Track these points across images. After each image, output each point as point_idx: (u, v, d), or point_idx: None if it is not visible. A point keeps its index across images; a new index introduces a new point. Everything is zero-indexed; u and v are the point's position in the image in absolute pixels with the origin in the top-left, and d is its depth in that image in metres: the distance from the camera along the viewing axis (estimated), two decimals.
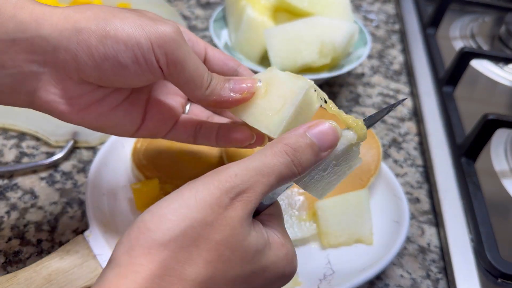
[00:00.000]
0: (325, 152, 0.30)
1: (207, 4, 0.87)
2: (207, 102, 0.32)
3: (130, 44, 0.28)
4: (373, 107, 0.68)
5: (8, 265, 0.43)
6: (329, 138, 0.29)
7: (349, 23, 0.62)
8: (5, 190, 0.50)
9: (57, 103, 0.31)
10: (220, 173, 0.27)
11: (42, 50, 0.29)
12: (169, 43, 0.29)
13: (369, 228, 0.46)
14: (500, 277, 0.45)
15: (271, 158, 0.28)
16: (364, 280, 0.41)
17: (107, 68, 0.29)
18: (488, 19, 0.89)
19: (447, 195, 0.53)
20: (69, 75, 0.30)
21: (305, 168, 0.29)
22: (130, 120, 0.35)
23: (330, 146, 0.30)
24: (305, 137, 0.29)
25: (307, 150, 0.29)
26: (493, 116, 0.53)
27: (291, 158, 0.28)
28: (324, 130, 0.29)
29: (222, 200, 0.26)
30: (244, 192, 0.26)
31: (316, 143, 0.29)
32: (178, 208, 0.25)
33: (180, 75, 0.30)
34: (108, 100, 0.33)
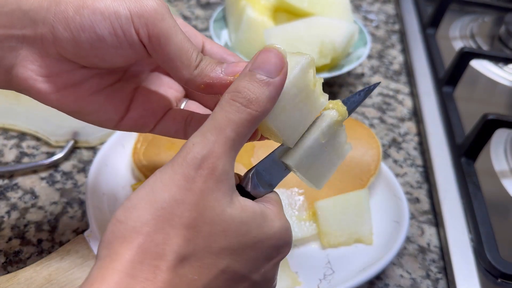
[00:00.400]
0: (277, 77, 0.26)
1: (207, 4, 0.87)
2: (196, 84, 0.29)
3: (107, 13, 0.27)
4: (373, 107, 0.68)
5: (9, 265, 0.43)
6: (272, 61, 0.26)
7: (349, 24, 0.62)
8: (6, 190, 0.50)
9: (34, 80, 0.29)
10: (182, 149, 0.26)
11: (21, 24, 0.28)
12: (151, 14, 0.27)
13: (369, 228, 0.46)
14: (500, 277, 0.45)
15: (220, 111, 0.26)
16: (364, 280, 0.41)
17: (84, 40, 0.28)
18: (488, 19, 0.89)
19: (447, 195, 0.53)
20: (47, 51, 0.29)
21: (260, 103, 0.26)
22: (113, 108, 0.32)
23: (278, 68, 0.26)
24: (248, 74, 0.26)
25: (252, 84, 0.26)
26: (493, 116, 0.53)
27: (238, 101, 0.26)
28: (263, 57, 0.27)
29: (187, 174, 0.25)
30: (206, 159, 0.25)
31: (261, 72, 0.26)
32: (145, 195, 0.25)
33: (164, 51, 0.28)
34: (89, 83, 0.31)
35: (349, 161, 0.50)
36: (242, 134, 0.26)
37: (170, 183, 0.25)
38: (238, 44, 0.65)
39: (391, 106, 0.68)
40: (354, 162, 0.50)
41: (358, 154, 0.51)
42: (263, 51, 0.27)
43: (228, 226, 0.26)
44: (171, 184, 0.25)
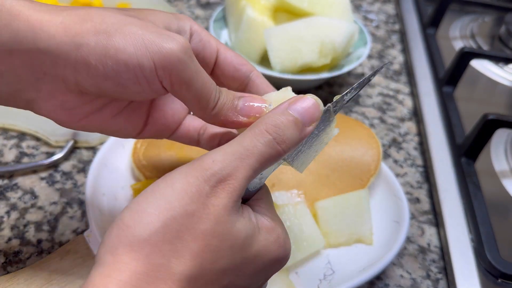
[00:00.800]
0: (309, 127, 0.28)
1: (207, 4, 0.87)
2: (213, 121, 0.30)
3: (131, 65, 0.26)
4: (373, 107, 0.68)
5: (8, 265, 0.43)
6: (311, 112, 0.28)
7: (349, 23, 0.62)
8: (5, 190, 0.50)
9: (56, 113, 0.30)
10: (198, 161, 0.25)
11: (40, 62, 0.27)
12: (174, 64, 0.27)
13: (369, 228, 0.46)
14: (500, 277, 0.45)
15: (251, 139, 0.26)
16: (364, 280, 0.41)
17: (108, 86, 0.28)
18: (488, 19, 0.89)
19: (447, 195, 0.53)
20: (68, 88, 0.29)
21: (290, 145, 0.27)
22: (132, 126, 0.33)
23: (314, 120, 0.28)
24: (287, 114, 0.27)
25: (290, 126, 0.27)
26: (493, 116, 0.53)
27: (272, 136, 0.26)
28: (306, 105, 0.28)
29: (201, 189, 0.25)
30: (225, 179, 0.25)
31: (299, 118, 0.28)
32: (155, 201, 0.24)
33: (185, 95, 0.28)
34: (108, 108, 0.32)
35: (349, 161, 0.50)
36: (263, 167, 0.27)
37: (183, 193, 0.24)
38: (238, 44, 0.65)
39: (391, 106, 0.68)
40: (354, 162, 0.50)
41: (358, 154, 0.51)
42: (303, 98, 0.29)
43: (235, 242, 0.26)
44: (183, 194, 0.24)
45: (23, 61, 0.27)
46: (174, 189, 0.24)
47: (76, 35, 0.26)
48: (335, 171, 0.49)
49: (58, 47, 0.26)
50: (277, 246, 0.28)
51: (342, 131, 0.53)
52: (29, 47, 0.26)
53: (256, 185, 0.30)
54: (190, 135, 0.36)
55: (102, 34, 0.26)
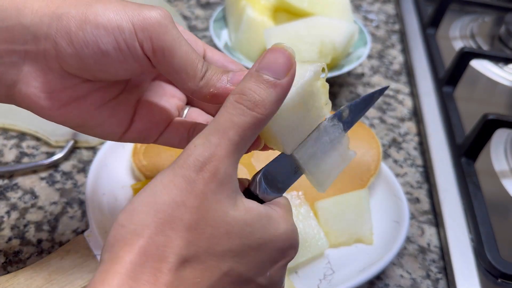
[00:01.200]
0: (284, 79, 0.26)
1: (207, 4, 0.87)
2: (202, 95, 0.29)
3: (110, 28, 0.26)
4: (373, 107, 0.68)
5: (8, 265, 0.43)
6: (280, 61, 0.26)
7: (349, 23, 0.62)
8: (5, 190, 0.50)
9: (37, 97, 0.29)
10: (183, 151, 0.25)
11: (23, 39, 0.27)
12: (154, 27, 0.26)
13: (369, 228, 0.46)
14: (500, 277, 0.45)
15: (222, 114, 0.25)
16: (364, 280, 0.41)
17: (88, 55, 0.27)
18: (488, 19, 0.89)
19: (447, 195, 0.53)
20: (50, 66, 0.28)
21: (266, 106, 0.25)
22: (117, 121, 0.32)
23: (285, 68, 0.26)
24: (254, 76, 0.26)
25: (258, 86, 0.25)
26: (493, 116, 0.53)
27: (243, 104, 0.25)
28: (271, 57, 0.26)
29: (188, 177, 0.24)
30: (208, 161, 0.24)
31: (268, 74, 0.26)
32: (146, 197, 0.24)
33: (169, 63, 0.27)
34: (93, 97, 0.30)
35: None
36: (246, 138, 0.26)
37: (171, 185, 0.24)
38: (238, 44, 0.65)
39: (391, 106, 0.68)
40: (354, 162, 0.50)
41: (358, 154, 0.51)
42: (270, 50, 0.26)
43: (231, 228, 0.25)
44: (171, 186, 0.24)
45: (6, 40, 0.27)
46: (162, 183, 0.24)
47: (58, 7, 0.27)
48: None
49: (40, 20, 0.27)
50: (285, 237, 0.28)
51: None
52: (12, 23, 0.27)
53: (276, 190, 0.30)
54: (180, 134, 0.34)
55: (83, 5, 0.27)
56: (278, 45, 0.26)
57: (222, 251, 0.25)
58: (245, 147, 0.26)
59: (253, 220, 0.26)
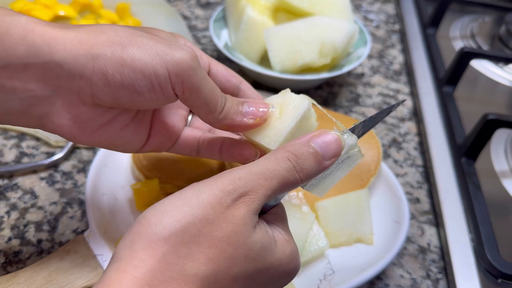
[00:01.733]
0: (328, 161, 0.30)
1: (207, 4, 0.87)
2: (220, 125, 0.32)
3: (147, 73, 0.28)
4: (373, 107, 0.68)
5: (8, 265, 0.43)
6: (332, 147, 0.30)
7: (349, 23, 0.62)
8: (5, 190, 0.50)
9: (69, 127, 0.30)
10: (224, 176, 0.27)
11: (56, 75, 0.28)
12: (186, 71, 0.29)
13: (369, 228, 0.46)
14: (500, 277, 0.45)
15: (274, 163, 0.28)
16: (364, 280, 0.41)
17: (123, 95, 0.29)
18: (488, 19, 0.89)
19: (447, 195, 0.53)
20: (83, 101, 0.30)
21: (308, 175, 0.29)
22: (138, 138, 0.35)
23: (334, 155, 0.30)
24: (308, 146, 0.29)
25: (309, 157, 0.29)
26: (493, 116, 0.53)
27: (293, 164, 0.28)
28: (328, 140, 0.30)
29: (224, 201, 0.26)
30: (246, 194, 0.27)
31: (319, 152, 0.29)
32: (180, 205, 0.25)
33: (195, 100, 0.30)
34: (117, 120, 0.33)
35: None
36: (281, 191, 0.28)
37: (206, 203, 0.26)
38: (238, 44, 0.65)
39: None
40: None
41: None
42: (329, 134, 0.30)
43: (249, 252, 0.26)
44: (206, 204, 0.26)
45: (38, 75, 0.28)
46: (199, 198, 0.26)
47: (92, 47, 0.28)
48: None
49: (75, 59, 0.27)
50: (289, 260, 0.29)
51: None
52: (45, 60, 0.27)
53: (274, 201, 0.31)
54: (190, 145, 0.37)
55: (117, 46, 0.28)
56: (336, 133, 0.30)
57: (238, 272, 0.26)
58: (275, 196, 0.29)
59: (266, 243, 0.28)
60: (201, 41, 0.77)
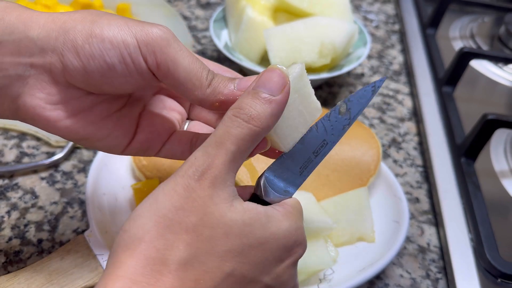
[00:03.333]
0: (279, 95, 0.27)
1: (207, 5, 0.87)
2: (210, 103, 0.29)
3: (115, 42, 0.28)
4: (373, 107, 0.68)
5: (9, 264, 0.43)
6: (276, 80, 0.27)
7: (349, 24, 0.62)
8: (6, 190, 0.50)
9: (42, 108, 0.29)
10: (185, 162, 0.27)
11: (29, 51, 0.28)
12: (157, 41, 0.28)
13: (370, 226, 0.46)
14: (500, 277, 0.45)
15: (222, 127, 0.27)
16: (364, 280, 0.41)
17: (94, 68, 0.28)
18: (487, 20, 0.89)
19: (446, 195, 0.53)
20: (55, 78, 0.29)
21: (262, 120, 0.27)
22: (121, 133, 0.32)
23: (281, 87, 0.27)
24: (251, 93, 0.27)
25: (255, 101, 0.27)
26: (492, 116, 0.53)
27: (240, 117, 0.27)
28: (267, 76, 0.28)
29: (188, 184, 0.26)
30: (206, 170, 0.26)
31: (263, 91, 0.27)
32: (148, 205, 0.26)
33: (175, 76, 0.28)
34: (97, 109, 0.31)
35: (349, 161, 0.50)
36: (242, 148, 0.27)
37: (171, 192, 0.26)
38: (238, 44, 0.65)
39: (391, 106, 0.68)
40: (354, 162, 0.50)
41: (358, 154, 0.51)
42: (266, 71, 0.28)
43: (229, 229, 0.26)
44: (172, 193, 0.26)
45: (12, 52, 0.28)
46: (164, 190, 0.26)
47: (65, 22, 0.28)
48: (335, 171, 0.50)
49: (47, 34, 0.28)
50: (287, 234, 0.28)
51: None
52: (20, 37, 0.28)
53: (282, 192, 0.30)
54: (182, 147, 0.34)
55: (89, 21, 0.28)
56: (273, 66, 0.28)
57: (222, 251, 0.26)
58: (243, 156, 0.28)
59: (252, 219, 0.27)
60: (201, 42, 0.77)
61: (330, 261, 0.42)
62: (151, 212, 0.26)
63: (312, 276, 0.42)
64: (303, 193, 0.45)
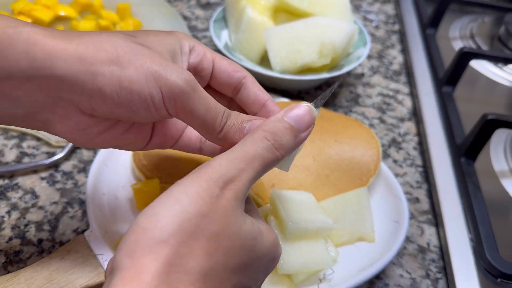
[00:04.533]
0: (304, 133, 0.31)
1: (207, 5, 0.87)
2: (221, 145, 0.32)
3: (143, 96, 0.29)
4: (373, 107, 0.68)
5: (9, 264, 0.43)
6: (306, 119, 0.31)
7: (349, 24, 0.62)
8: (6, 190, 0.50)
9: (71, 133, 0.32)
10: (206, 166, 0.27)
11: (57, 88, 0.29)
12: (178, 95, 0.29)
13: (370, 226, 0.46)
14: (500, 277, 0.45)
15: (252, 145, 0.28)
16: (363, 280, 0.41)
17: (120, 112, 0.30)
18: (487, 20, 0.89)
19: (446, 195, 0.53)
20: (83, 112, 0.30)
21: (287, 150, 0.30)
22: (140, 139, 0.36)
23: (308, 126, 0.31)
24: (283, 122, 0.30)
25: (286, 132, 0.30)
26: (492, 116, 0.53)
27: (271, 142, 0.29)
28: (301, 112, 0.31)
29: (212, 191, 0.26)
30: (231, 181, 0.27)
31: (295, 125, 0.30)
32: (170, 205, 0.25)
33: (190, 121, 0.31)
34: (119, 126, 0.33)
35: (349, 161, 0.50)
36: (265, 170, 0.29)
37: (196, 196, 0.26)
38: (238, 44, 0.65)
39: (391, 107, 0.69)
40: (354, 162, 0.50)
41: (358, 154, 0.51)
42: (298, 107, 0.31)
43: (243, 242, 0.27)
44: (197, 197, 0.25)
45: (40, 86, 0.28)
46: (187, 193, 0.26)
47: (92, 65, 0.28)
48: (335, 171, 0.50)
49: (75, 76, 0.28)
50: (276, 246, 0.30)
51: (342, 131, 0.53)
52: (47, 74, 0.28)
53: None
54: (192, 143, 0.38)
55: (116, 65, 0.29)
56: (307, 104, 0.31)
57: (235, 263, 0.26)
58: (259, 177, 0.29)
59: (256, 233, 0.28)
60: (201, 42, 0.77)
61: (330, 261, 0.42)
62: (174, 213, 0.25)
63: (312, 276, 0.42)
64: (303, 193, 0.45)
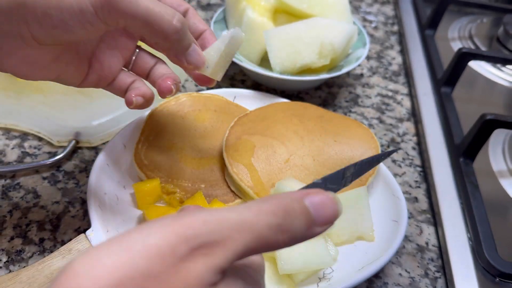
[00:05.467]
0: (319, 228, 0.24)
1: (208, 6, 0.87)
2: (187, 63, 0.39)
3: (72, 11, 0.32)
4: (372, 107, 0.68)
5: (11, 264, 0.43)
6: (328, 212, 0.24)
7: (348, 25, 0.63)
8: (8, 190, 0.50)
9: (19, 67, 0.35)
10: (185, 216, 0.21)
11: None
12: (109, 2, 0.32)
13: (370, 225, 0.46)
14: (498, 276, 0.45)
15: (255, 214, 0.22)
16: (363, 279, 0.41)
17: (58, 34, 0.33)
18: (486, 20, 0.90)
19: (445, 195, 0.53)
20: (27, 43, 0.33)
21: (291, 239, 0.22)
22: (79, 73, 0.39)
23: (327, 221, 0.24)
24: (300, 202, 0.23)
25: (300, 217, 0.23)
26: (491, 116, 0.53)
27: (279, 220, 0.22)
28: (325, 201, 0.24)
29: (177, 249, 0.20)
30: (210, 245, 0.20)
31: (313, 213, 0.23)
32: (118, 251, 0.19)
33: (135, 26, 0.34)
34: (61, 58, 0.37)
35: (349, 161, 0.51)
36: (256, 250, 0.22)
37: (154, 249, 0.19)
38: None
39: (390, 107, 0.69)
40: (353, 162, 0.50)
41: (357, 153, 0.52)
42: (328, 196, 0.24)
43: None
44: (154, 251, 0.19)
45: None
46: (145, 243, 0.19)
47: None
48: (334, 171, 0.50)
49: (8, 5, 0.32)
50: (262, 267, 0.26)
51: (342, 132, 0.53)
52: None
53: None
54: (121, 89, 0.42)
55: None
56: (336, 198, 0.24)
57: None
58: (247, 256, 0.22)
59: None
60: None
61: (330, 260, 0.42)
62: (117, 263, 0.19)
63: (312, 275, 0.43)
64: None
